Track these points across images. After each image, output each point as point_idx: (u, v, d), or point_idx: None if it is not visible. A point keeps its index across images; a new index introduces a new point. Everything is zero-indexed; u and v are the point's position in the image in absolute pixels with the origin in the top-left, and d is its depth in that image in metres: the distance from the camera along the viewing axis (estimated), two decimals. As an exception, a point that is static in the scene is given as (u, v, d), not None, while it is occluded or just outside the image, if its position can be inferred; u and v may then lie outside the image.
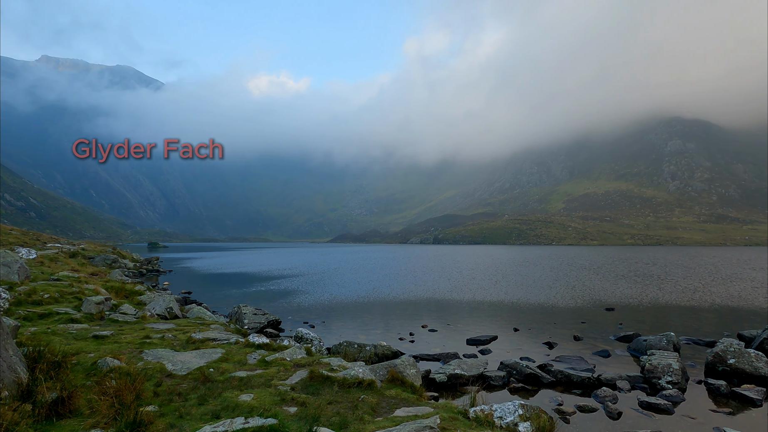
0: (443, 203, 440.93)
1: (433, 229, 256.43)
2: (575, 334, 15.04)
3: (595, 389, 9.54)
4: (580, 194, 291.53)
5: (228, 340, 10.72)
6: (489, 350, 13.28)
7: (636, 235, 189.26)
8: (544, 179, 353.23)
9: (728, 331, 15.77)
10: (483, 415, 6.48)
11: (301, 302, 23.51)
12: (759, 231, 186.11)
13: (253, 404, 6.21)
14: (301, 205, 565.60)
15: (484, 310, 21.06)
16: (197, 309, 16.17)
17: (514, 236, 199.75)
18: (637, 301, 23.29)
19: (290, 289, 29.38)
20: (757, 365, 10.28)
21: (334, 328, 16.60)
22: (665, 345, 12.55)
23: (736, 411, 8.52)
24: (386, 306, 22.36)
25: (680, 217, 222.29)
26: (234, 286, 31.90)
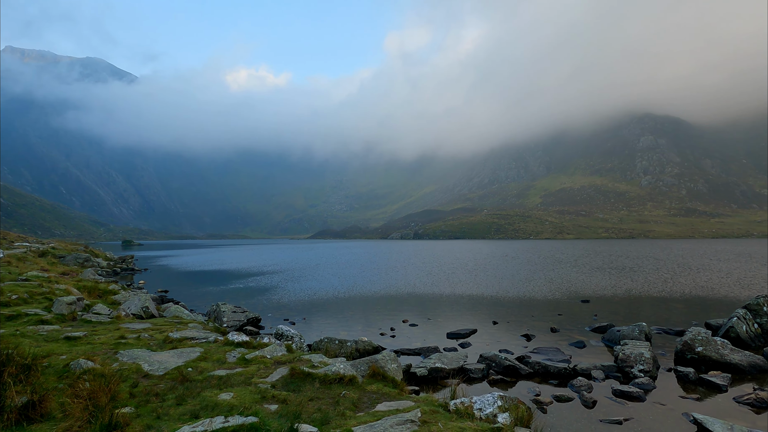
0: (423, 198, 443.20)
1: (414, 224, 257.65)
2: (552, 326, 15.39)
3: (571, 379, 9.79)
4: (556, 189, 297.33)
5: (206, 338, 10.57)
6: (469, 343, 13.46)
7: (610, 229, 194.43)
8: (522, 174, 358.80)
9: (696, 320, 16.39)
10: (463, 408, 6.57)
11: (282, 299, 23.33)
12: (725, 224, 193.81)
13: (233, 403, 6.15)
14: (280, 201, 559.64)
15: (464, 304, 21.31)
16: (174, 308, 15.86)
17: (493, 231, 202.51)
18: (611, 293, 23.96)
19: (270, 286, 29.12)
20: (723, 352, 10.73)
21: (315, 325, 16.54)
22: (637, 335, 12.96)
23: (704, 396, 8.88)
24: (367, 301, 22.40)
25: (652, 211, 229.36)
26: (212, 284, 31.40)
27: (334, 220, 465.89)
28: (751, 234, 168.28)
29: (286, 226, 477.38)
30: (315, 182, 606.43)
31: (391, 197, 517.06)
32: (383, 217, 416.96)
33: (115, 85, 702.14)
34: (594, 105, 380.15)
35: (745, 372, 10.24)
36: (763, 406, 8.19)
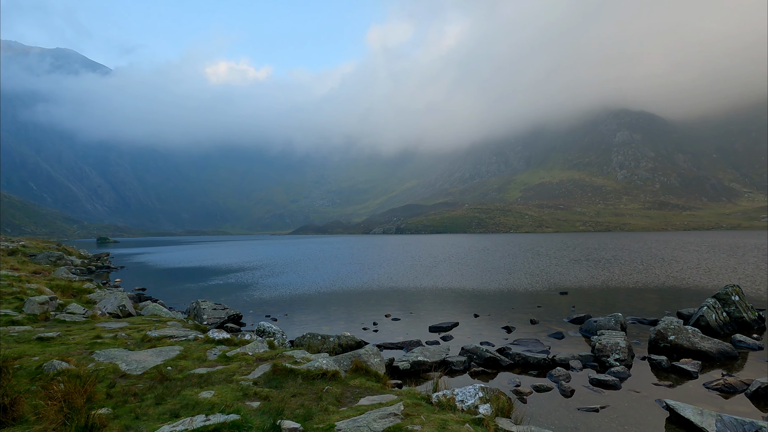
0: (405, 193, 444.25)
1: (396, 219, 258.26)
2: (532, 318, 15.68)
3: (550, 369, 10.01)
4: (536, 183, 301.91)
5: (186, 336, 10.41)
6: (451, 336, 13.61)
7: (587, 222, 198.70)
8: (503, 169, 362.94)
9: (669, 309, 16.94)
10: (445, 400, 6.66)
11: (263, 295, 23.12)
12: (697, 216, 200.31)
13: (214, 401, 6.09)
14: (261, 196, 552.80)
15: (446, 297, 21.52)
16: (153, 306, 15.56)
17: (474, 225, 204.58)
18: (588, 285, 24.54)
19: (251, 283, 28.81)
20: (693, 341, 11.13)
21: (297, 321, 16.46)
22: (613, 325, 13.33)
23: (676, 383, 9.20)
24: (350, 296, 22.40)
25: (627, 205, 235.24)
26: (191, 281, 30.88)
27: (315, 215, 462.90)
28: (720, 226, 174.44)
29: (267, 221, 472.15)
30: (296, 177, 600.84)
31: (373, 192, 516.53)
32: (365, 212, 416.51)
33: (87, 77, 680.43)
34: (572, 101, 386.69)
35: (714, 359, 10.64)
36: (731, 391, 8.54)
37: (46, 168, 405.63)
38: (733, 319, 13.81)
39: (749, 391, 8.35)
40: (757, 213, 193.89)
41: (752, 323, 13.80)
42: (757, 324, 13.88)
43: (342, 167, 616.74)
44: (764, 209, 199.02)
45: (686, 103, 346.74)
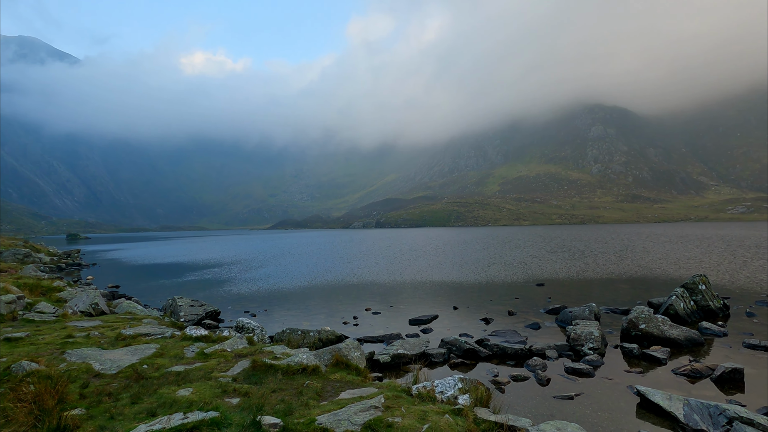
0: (385, 187, 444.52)
1: (375, 213, 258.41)
2: (509, 310, 15.97)
3: (527, 359, 10.23)
4: (513, 177, 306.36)
5: (162, 334, 10.22)
6: (430, 329, 13.75)
7: (563, 215, 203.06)
8: (481, 163, 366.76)
9: (640, 299, 17.51)
10: (425, 392, 6.74)
11: (241, 291, 22.85)
12: (667, 209, 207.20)
13: (193, 398, 6.00)
14: (238, 191, 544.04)
15: (426, 290, 21.70)
16: (127, 303, 15.19)
17: (453, 218, 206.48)
18: (564, 276, 25.13)
19: (229, 278, 28.41)
20: (663, 329, 11.55)
21: (276, 316, 16.34)
22: (588, 315, 13.70)
23: (646, 370, 9.54)
24: (330, 291, 22.35)
25: (601, 198, 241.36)
26: (167, 277, 30.25)
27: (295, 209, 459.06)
28: (689, 218, 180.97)
29: (245, 216, 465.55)
30: (274, 171, 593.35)
31: (352, 186, 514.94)
32: (345, 207, 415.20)
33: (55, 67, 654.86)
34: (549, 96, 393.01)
35: (682, 346, 11.08)
36: (697, 376, 8.91)
37: (11, 162, 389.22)
38: (699, 308, 14.37)
39: (714, 375, 8.73)
40: (723, 205, 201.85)
41: (717, 311, 14.40)
42: (722, 312, 14.49)
43: (321, 161, 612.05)
44: (730, 202, 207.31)
45: (658, 100, 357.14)
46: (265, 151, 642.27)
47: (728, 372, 8.60)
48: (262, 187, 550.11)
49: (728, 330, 12.49)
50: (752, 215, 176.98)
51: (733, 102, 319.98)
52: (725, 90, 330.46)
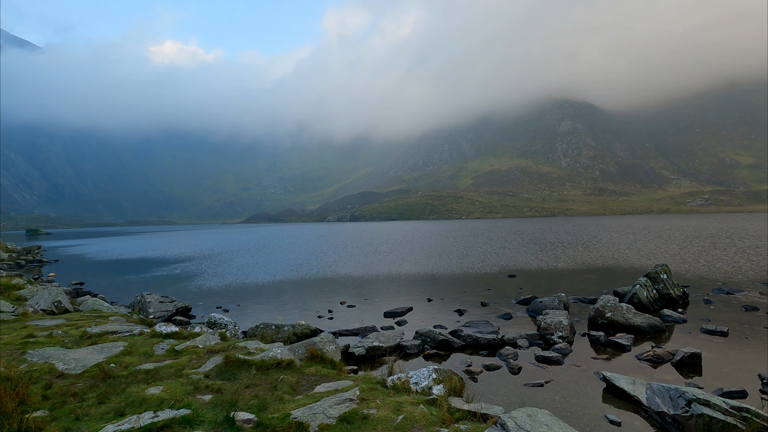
0: (359, 181, 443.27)
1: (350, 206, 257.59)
2: (482, 301, 16.27)
3: (499, 349, 10.47)
4: (486, 171, 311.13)
5: (131, 331, 9.92)
6: (405, 321, 13.86)
7: (534, 208, 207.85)
8: (455, 156, 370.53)
9: (607, 288, 18.16)
10: (400, 383, 6.80)
11: (213, 286, 22.40)
12: (632, 202, 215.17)
13: (163, 396, 5.86)
14: (209, 184, 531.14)
15: (400, 283, 21.84)
16: (92, 301, 14.66)
17: (428, 211, 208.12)
18: (534, 267, 25.77)
19: (200, 273, 27.78)
20: (627, 316, 12.02)
21: (250, 311, 16.11)
22: (557, 305, 14.12)
23: (612, 356, 9.93)
24: (304, 285, 22.19)
25: (570, 191, 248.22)
26: (135, 273, 29.32)
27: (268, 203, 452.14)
28: (652, 210, 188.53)
29: (217, 210, 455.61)
30: (246, 164, 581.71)
31: (326, 179, 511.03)
32: (319, 200, 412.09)
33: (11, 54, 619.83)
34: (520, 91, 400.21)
35: (645, 332, 11.57)
36: (659, 361, 9.34)
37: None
38: (661, 296, 15.03)
39: (674, 360, 9.17)
40: (684, 198, 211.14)
41: (678, 299, 15.09)
42: (681, 299, 15.19)
43: (294, 154, 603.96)
44: (689, 195, 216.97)
45: (623, 96, 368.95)
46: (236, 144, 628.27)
47: (687, 357, 9.04)
48: (233, 181, 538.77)
49: (687, 317, 13.12)
50: (709, 207, 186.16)
51: (693, 99, 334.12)
52: (685, 88, 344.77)
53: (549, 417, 5.50)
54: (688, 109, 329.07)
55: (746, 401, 7.11)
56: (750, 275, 20.40)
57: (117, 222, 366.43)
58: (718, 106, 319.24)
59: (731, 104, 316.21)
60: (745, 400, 7.18)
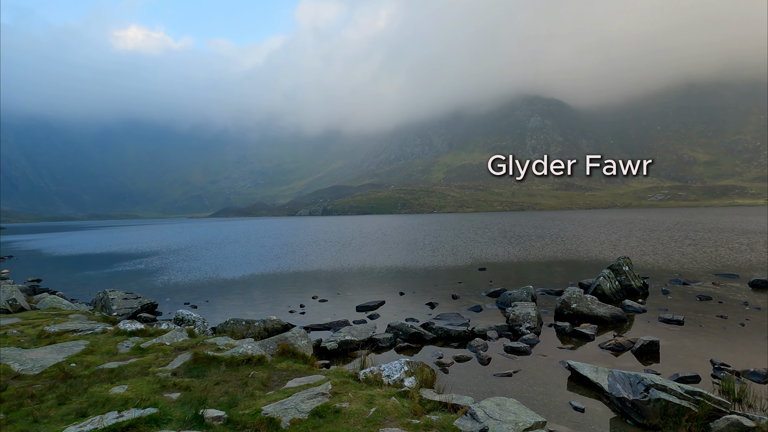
0: (331, 174, 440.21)
1: (322, 200, 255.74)
2: (453, 293, 16.52)
3: (469, 341, 10.66)
4: (457, 165, 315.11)
5: (93, 330, 9.56)
6: (377, 315, 13.92)
7: (504, 202, 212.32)
8: (427, 151, 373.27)
9: (572, 280, 18.77)
10: (372, 376, 6.84)
11: (181, 281, 21.81)
12: (597, 197, 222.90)
13: (128, 396, 5.69)
14: (176, 177, 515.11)
15: (373, 277, 21.89)
16: (50, 298, 14.02)
17: (400, 205, 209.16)
18: (504, 260, 26.34)
19: (167, 268, 26.98)
20: (591, 307, 12.48)
21: (219, 307, 15.78)
22: (525, 297, 14.49)
23: (577, 346, 10.29)
24: (275, 280, 21.91)
25: (538, 186, 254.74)
26: (97, 269, 28.17)
27: (237, 197, 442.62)
28: (615, 205, 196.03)
29: (184, 204, 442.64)
30: (215, 157, 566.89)
31: (298, 173, 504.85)
32: (291, 194, 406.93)
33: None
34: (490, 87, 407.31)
35: (608, 322, 12.04)
36: (620, 350, 9.75)
37: None
38: (623, 287, 15.67)
39: (635, 348, 9.59)
40: (645, 193, 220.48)
41: (638, 290, 15.77)
42: (642, 290, 15.88)
43: (265, 147, 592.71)
44: (650, 190, 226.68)
45: (589, 93, 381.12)
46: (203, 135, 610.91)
47: (646, 344, 9.48)
48: (201, 173, 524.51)
49: (647, 307, 13.73)
50: (669, 202, 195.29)
51: (654, 99, 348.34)
52: (648, 87, 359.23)
53: (517, 405, 5.66)
54: (650, 108, 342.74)
55: (699, 385, 7.53)
56: (704, 266, 21.53)
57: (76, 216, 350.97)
58: (677, 105, 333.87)
59: (689, 104, 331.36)
60: (699, 385, 7.59)
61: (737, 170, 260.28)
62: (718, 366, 8.46)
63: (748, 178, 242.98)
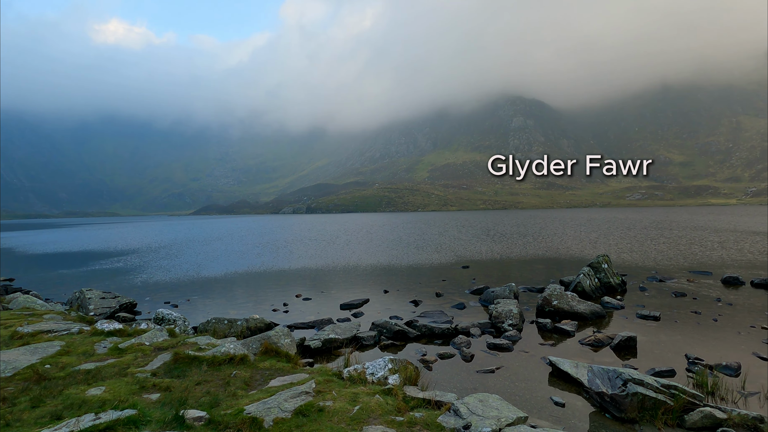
0: (316, 172, 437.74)
1: (306, 198, 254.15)
2: (437, 291, 16.61)
3: (453, 338, 10.74)
4: (442, 164, 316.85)
5: (69, 330, 9.31)
6: (361, 313, 13.90)
7: (487, 201, 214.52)
8: (411, 150, 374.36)
9: (553, 278, 19.07)
10: (356, 374, 6.83)
11: (161, 280, 21.40)
12: (577, 195, 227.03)
13: (106, 397, 5.56)
14: (156, 173, 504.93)
15: (357, 275, 21.86)
16: (23, 298, 13.61)
17: (384, 204, 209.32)
18: (487, 258, 26.61)
19: (146, 267, 26.44)
20: (572, 304, 12.70)
21: (200, 306, 15.54)
22: (508, 294, 14.67)
23: (557, 342, 10.47)
24: (258, 278, 21.69)
25: (521, 185, 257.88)
26: (73, 267, 27.42)
27: (219, 194, 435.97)
28: (595, 204, 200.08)
29: (165, 201, 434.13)
30: (196, 153, 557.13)
31: (282, 171, 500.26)
32: (274, 192, 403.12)
33: None
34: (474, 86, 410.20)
35: (588, 319, 12.28)
36: (599, 345, 9.95)
37: None
38: (602, 284, 15.99)
39: (613, 343, 9.81)
40: (623, 193, 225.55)
41: (617, 287, 16.12)
42: (620, 287, 16.24)
43: (248, 144, 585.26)
44: (628, 189, 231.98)
45: (570, 95, 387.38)
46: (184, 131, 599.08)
47: (624, 340, 9.70)
48: (182, 170, 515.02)
49: (625, 303, 14.05)
50: (646, 201, 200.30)
51: (632, 100, 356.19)
52: (626, 89, 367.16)
53: (499, 401, 5.73)
54: (628, 110, 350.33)
55: (675, 379, 7.74)
56: (679, 264, 22.14)
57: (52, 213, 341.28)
58: (654, 108, 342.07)
59: (666, 106, 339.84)
60: (674, 378, 7.81)
61: (710, 171, 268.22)
62: (692, 360, 8.70)
63: (721, 179, 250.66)
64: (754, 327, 11.04)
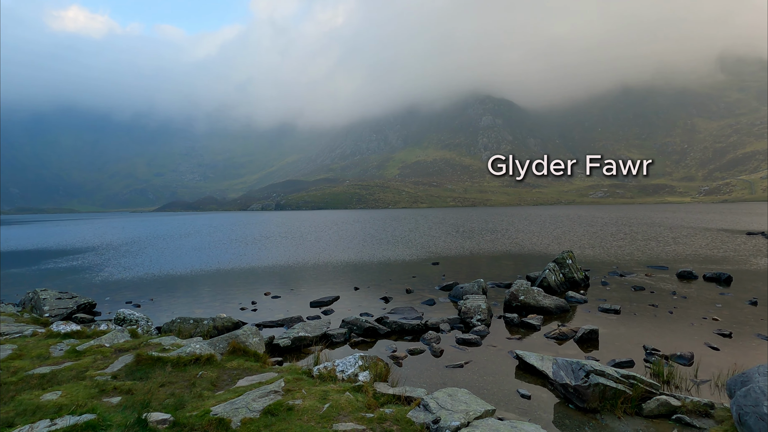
0: (285, 168, 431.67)
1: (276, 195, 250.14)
2: (407, 288, 16.72)
3: (423, 334, 10.84)
4: (412, 161, 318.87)
5: (21, 332, 8.83)
6: (332, 310, 13.83)
7: (457, 198, 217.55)
8: (382, 146, 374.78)
9: (520, 273, 19.55)
10: (326, 372, 6.79)
11: (122, 279, 20.58)
12: (543, 193, 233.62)
13: (62, 402, 5.30)
14: (117, 168, 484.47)
15: (327, 272, 21.72)
16: (-29, 299, 12.78)
17: (355, 201, 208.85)
18: (456, 254, 26.99)
19: (106, 265, 25.36)
20: (538, 299, 13.07)
21: (165, 306, 15.05)
22: (476, 290, 14.93)
23: (524, 336, 10.75)
24: (226, 276, 21.21)
25: (490, 183, 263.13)
26: (26, 266, 25.96)
27: (185, 190, 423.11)
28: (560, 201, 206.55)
29: (126, 197, 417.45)
30: (160, 148, 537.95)
31: (250, 166, 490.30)
32: (243, 188, 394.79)
33: None
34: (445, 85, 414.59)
35: (553, 313, 12.67)
36: (563, 338, 10.29)
37: None
38: (567, 279, 16.52)
39: (576, 336, 10.16)
40: (587, 191, 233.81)
41: (580, 282, 16.70)
42: (583, 282, 16.83)
43: (215, 139, 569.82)
44: (591, 188, 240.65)
45: (537, 95, 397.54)
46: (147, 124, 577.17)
47: (587, 333, 10.07)
48: (145, 165, 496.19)
49: (588, 297, 14.57)
50: (608, 199, 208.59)
51: (595, 101, 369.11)
52: (589, 90, 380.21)
53: (468, 395, 5.83)
54: (591, 111, 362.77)
55: (633, 370, 8.10)
56: (638, 259, 23.16)
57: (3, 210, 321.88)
58: (615, 109, 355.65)
59: (626, 107, 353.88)
60: (633, 369, 8.17)
61: (667, 170, 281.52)
62: (649, 351, 9.13)
63: (677, 178, 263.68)
64: (706, 318, 11.69)
